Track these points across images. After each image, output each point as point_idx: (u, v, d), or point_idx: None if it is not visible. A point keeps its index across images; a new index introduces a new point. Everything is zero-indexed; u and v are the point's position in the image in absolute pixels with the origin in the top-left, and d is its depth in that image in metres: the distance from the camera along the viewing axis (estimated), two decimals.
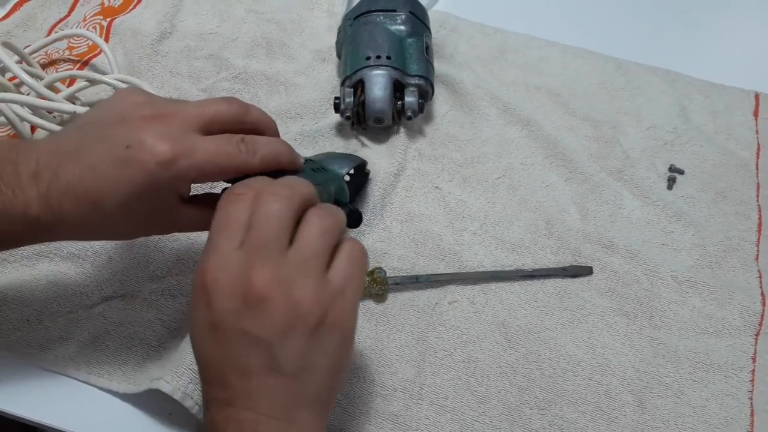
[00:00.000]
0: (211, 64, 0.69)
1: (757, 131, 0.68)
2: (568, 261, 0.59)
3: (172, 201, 0.42)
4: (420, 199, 0.61)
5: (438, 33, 0.72)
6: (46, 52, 0.69)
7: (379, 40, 0.63)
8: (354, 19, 0.65)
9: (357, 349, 0.53)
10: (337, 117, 0.65)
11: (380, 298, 0.55)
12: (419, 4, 0.67)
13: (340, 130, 0.65)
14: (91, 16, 0.73)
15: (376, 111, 0.61)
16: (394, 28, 0.64)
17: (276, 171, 0.43)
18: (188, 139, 0.40)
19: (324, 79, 0.69)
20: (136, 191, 0.39)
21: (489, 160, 0.64)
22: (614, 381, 0.53)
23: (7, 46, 0.63)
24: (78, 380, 0.50)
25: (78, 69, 0.68)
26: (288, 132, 0.65)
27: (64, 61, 0.69)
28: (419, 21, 0.65)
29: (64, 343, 0.51)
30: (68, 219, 0.40)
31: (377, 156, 0.63)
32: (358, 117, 0.63)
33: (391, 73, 0.61)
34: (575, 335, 0.55)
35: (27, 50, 0.66)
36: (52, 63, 0.69)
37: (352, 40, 0.64)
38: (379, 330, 0.54)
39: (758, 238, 0.61)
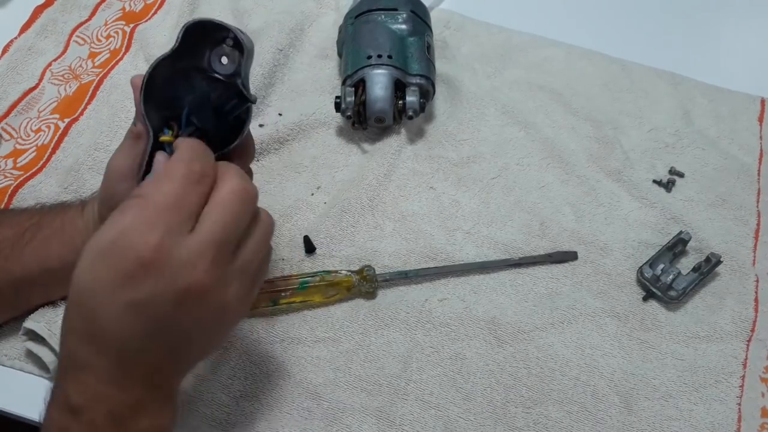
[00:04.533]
0: None
1: (761, 137, 0.67)
2: None
3: None
4: (413, 198, 0.62)
5: (443, 31, 0.73)
6: (69, 66, 0.70)
7: (380, 39, 0.63)
8: (355, 18, 0.66)
9: (342, 345, 0.54)
10: (337, 116, 0.65)
11: (370, 295, 0.56)
12: (420, 3, 0.67)
13: (340, 130, 0.66)
14: (113, 21, 0.74)
15: (377, 111, 0.62)
16: (395, 27, 0.64)
17: None
18: None
19: (325, 77, 0.69)
20: None
21: (485, 160, 0.65)
22: (602, 382, 0.53)
23: None
24: None
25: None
26: (289, 132, 0.65)
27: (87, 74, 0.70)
28: (420, 20, 0.66)
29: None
30: None
31: (370, 155, 0.63)
32: (359, 116, 0.63)
33: (392, 73, 0.62)
34: (564, 335, 0.55)
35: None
36: (77, 77, 0.70)
37: (353, 39, 0.64)
38: (367, 325, 0.55)
39: (755, 244, 0.60)
